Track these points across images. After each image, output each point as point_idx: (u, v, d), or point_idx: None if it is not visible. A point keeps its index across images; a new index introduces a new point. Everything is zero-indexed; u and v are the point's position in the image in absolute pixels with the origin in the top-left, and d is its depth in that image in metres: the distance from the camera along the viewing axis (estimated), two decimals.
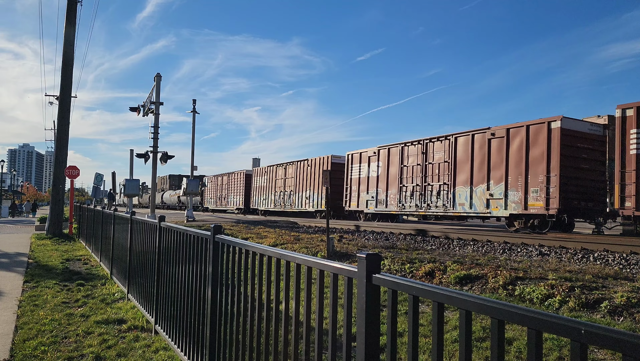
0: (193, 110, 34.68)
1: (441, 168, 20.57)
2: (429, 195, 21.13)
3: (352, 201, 26.18)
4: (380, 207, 24.00)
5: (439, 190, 20.57)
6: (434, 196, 20.85)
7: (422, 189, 21.44)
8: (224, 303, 3.52)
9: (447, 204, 20.08)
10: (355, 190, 26.00)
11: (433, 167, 21.03)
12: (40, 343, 5.13)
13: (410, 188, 22.12)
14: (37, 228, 22.22)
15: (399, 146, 22.93)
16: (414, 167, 22.07)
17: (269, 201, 36.75)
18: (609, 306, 5.89)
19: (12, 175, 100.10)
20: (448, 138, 20.28)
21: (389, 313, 1.87)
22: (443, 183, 20.33)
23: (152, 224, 5.69)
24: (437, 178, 20.79)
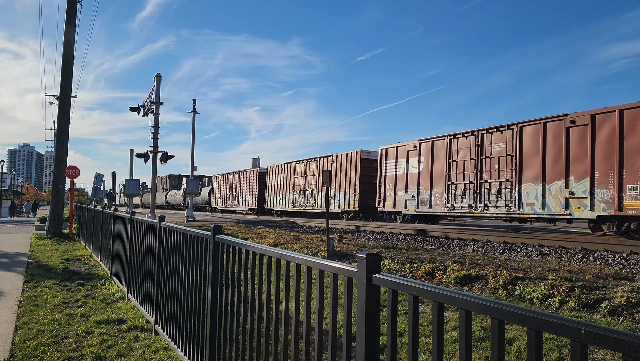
0: (193, 110, 34.68)
1: (502, 163, 17.85)
2: (485, 194, 18.40)
3: (387, 200, 23.15)
4: (422, 207, 21.14)
5: (500, 188, 17.87)
6: (492, 195, 18.14)
7: (477, 187, 18.72)
8: (224, 303, 3.52)
9: (511, 204, 17.26)
10: (390, 189, 22.98)
11: (491, 161, 18.28)
12: (40, 343, 5.13)
13: (461, 185, 19.37)
14: (37, 228, 22.21)
15: (445, 139, 20.13)
16: (465, 162, 19.26)
17: (287, 201, 33.71)
18: (609, 306, 5.89)
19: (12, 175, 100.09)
20: (511, 128, 17.58)
21: (389, 313, 1.87)
22: (505, 179, 17.60)
23: (152, 224, 5.69)
24: (496, 174, 18.08)
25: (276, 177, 35.93)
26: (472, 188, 19.03)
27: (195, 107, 34.67)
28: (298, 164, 32.76)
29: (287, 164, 34.22)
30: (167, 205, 61.88)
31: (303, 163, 32.12)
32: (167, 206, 61.88)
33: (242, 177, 42.42)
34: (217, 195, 48.23)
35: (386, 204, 23.46)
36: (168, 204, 61.38)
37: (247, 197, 40.86)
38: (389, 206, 23.20)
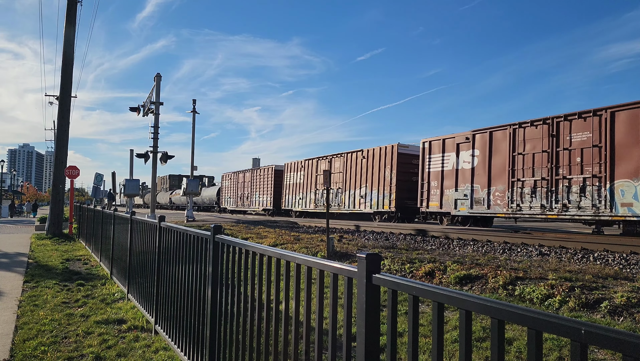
0: (193, 110, 34.67)
1: (585, 155, 15.06)
2: (564, 192, 15.52)
3: (432, 200, 20.39)
4: (478, 208, 18.31)
5: (583, 185, 15.06)
6: (573, 194, 15.28)
7: (552, 184, 15.90)
8: (224, 303, 3.52)
9: (600, 204, 14.57)
10: (436, 187, 20.19)
11: (571, 154, 15.46)
12: (40, 343, 5.13)
13: (529, 183, 16.62)
14: (37, 228, 22.22)
15: (508, 129, 17.45)
16: (535, 156, 16.48)
17: (307, 200, 30.70)
18: (609, 306, 5.89)
19: (12, 175, 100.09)
20: (598, 114, 14.83)
21: (389, 313, 1.87)
22: (591, 175, 14.86)
23: (152, 224, 5.69)
24: (577, 169, 15.27)
25: (295, 175, 32.88)
26: (544, 185, 16.15)
27: (195, 107, 34.66)
28: (321, 161, 29.86)
29: (307, 161, 31.29)
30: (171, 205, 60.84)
31: (327, 159, 29.13)
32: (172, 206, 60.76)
33: (255, 175, 39.52)
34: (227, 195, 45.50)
35: (430, 204, 20.49)
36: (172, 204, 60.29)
37: (261, 197, 37.96)
38: (434, 206, 20.32)
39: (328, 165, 28.96)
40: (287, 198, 33.51)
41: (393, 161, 23.58)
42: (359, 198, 25.87)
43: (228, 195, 45.17)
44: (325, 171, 12.75)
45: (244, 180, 41.73)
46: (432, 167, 20.68)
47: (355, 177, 26.38)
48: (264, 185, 37.65)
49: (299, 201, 31.82)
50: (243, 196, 41.61)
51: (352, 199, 26.52)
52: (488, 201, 18.06)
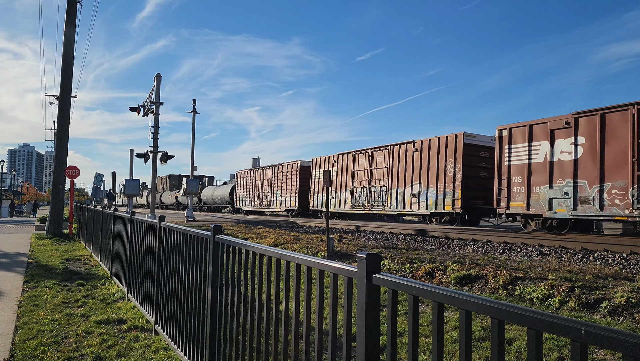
0: (193, 110, 34.68)
1: None
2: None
3: (515, 199, 16.97)
4: (584, 208, 14.74)
5: None
6: None
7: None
8: (224, 303, 3.52)
9: None
10: (519, 183, 16.83)
11: None
12: (40, 343, 5.13)
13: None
14: (37, 228, 22.22)
15: (630, 109, 13.71)
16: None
17: (342, 200, 27.38)
18: (609, 306, 5.89)
19: (12, 175, 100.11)
20: None
21: (389, 313, 1.87)
22: None
23: (152, 224, 5.69)
24: None
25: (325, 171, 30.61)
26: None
27: (195, 107, 34.66)
28: (359, 155, 26.35)
29: (342, 155, 27.79)
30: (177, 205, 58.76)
31: (367, 153, 25.59)
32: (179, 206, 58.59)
33: (276, 172, 35.74)
34: (242, 194, 41.80)
35: (512, 204, 17.10)
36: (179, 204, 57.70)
37: (283, 196, 34.23)
38: (518, 206, 16.91)
39: (369, 160, 25.26)
40: (316, 197, 29.95)
41: (458, 153, 19.94)
42: (410, 197, 22.17)
43: (243, 194, 41.54)
44: (325, 171, 12.72)
45: (263, 178, 37.87)
46: (513, 159, 17.16)
47: (404, 173, 22.65)
48: (288, 183, 33.87)
49: (331, 201, 28.27)
50: (262, 196, 37.86)
51: (400, 198, 22.80)
52: (601, 200, 14.39)
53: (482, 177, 20.17)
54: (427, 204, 21.19)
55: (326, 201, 11.34)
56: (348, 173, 27.12)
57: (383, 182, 24.24)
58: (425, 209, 21.42)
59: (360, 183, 25.99)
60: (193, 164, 35.59)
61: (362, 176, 25.97)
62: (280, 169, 35.32)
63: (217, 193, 48.14)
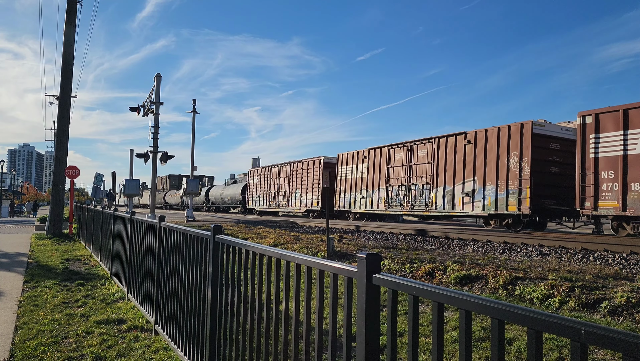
0: (193, 110, 34.69)
1: None
2: None
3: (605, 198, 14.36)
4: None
5: None
6: None
7: None
8: (224, 303, 3.53)
9: None
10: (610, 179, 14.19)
11: None
12: (40, 343, 5.13)
13: None
14: (37, 228, 22.22)
15: None
16: None
17: (374, 199, 24.54)
18: (609, 306, 5.89)
19: (12, 175, 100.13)
20: None
21: (389, 313, 1.87)
22: None
23: (152, 224, 5.69)
24: None
25: (353, 168, 26.61)
26: None
27: (195, 107, 34.67)
28: (395, 149, 23.59)
29: (374, 150, 25.11)
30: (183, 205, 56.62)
31: (406, 147, 22.96)
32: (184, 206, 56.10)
33: (295, 169, 32.83)
34: (255, 193, 39.01)
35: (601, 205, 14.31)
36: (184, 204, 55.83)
37: (303, 195, 31.39)
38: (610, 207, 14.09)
39: (408, 155, 22.62)
40: (343, 196, 27.37)
41: (525, 144, 17.26)
42: (461, 196, 19.40)
43: (257, 193, 38.64)
44: (325, 171, 12.69)
45: (280, 176, 34.87)
46: (601, 151, 14.54)
47: (453, 169, 19.97)
48: (309, 181, 30.94)
49: (360, 200, 25.56)
50: (278, 195, 34.91)
51: (448, 197, 20.04)
52: None
53: (553, 172, 17.52)
54: (484, 204, 18.32)
55: (326, 201, 11.34)
56: (382, 170, 24.14)
57: (426, 179, 21.43)
58: (481, 210, 18.58)
59: (397, 180, 23.03)
60: (193, 164, 35.62)
61: (399, 172, 23.07)
62: (299, 166, 32.29)
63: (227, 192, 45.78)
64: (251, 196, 39.56)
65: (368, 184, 25.33)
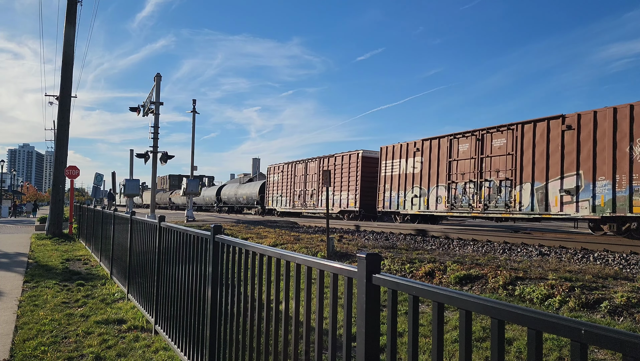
0: (193, 110, 34.68)
1: None
2: None
3: None
4: None
5: None
6: None
7: None
8: (224, 303, 3.52)
9: None
10: None
11: None
12: (40, 343, 5.13)
13: None
14: (37, 228, 22.21)
15: None
16: None
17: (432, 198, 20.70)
18: (609, 306, 5.89)
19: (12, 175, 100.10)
20: None
21: (389, 313, 1.87)
22: None
23: (152, 224, 5.69)
24: None
25: (402, 162, 22.64)
26: None
27: (195, 107, 34.66)
28: (460, 140, 19.78)
29: (429, 142, 21.27)
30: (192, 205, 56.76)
31: (475, 136, 19.16)
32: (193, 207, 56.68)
33: (326, 165, 29.22)
34: (275, 192, 35.22)
35: None
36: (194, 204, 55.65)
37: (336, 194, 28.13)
38: None
39: (477, 144, 18.93)
40: (389, 195, 23.42)
41: None
42: (559, 195, 15.85)
43: (278, 192, 34.68)
44: (326, 171, 12.69)
45: (307, 172, 31.16)
46: None
47: (546, 161, 16.35)
48: (343, 178, 27.59)
49: (412, 200, 21.74)
50: (304, 194, 31.17)
51: (540, 196, 16.51)
52: None
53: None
54: (595, 204, 14.68)
55: (326, 200, 11.34)
56: (441, 164, 20.52)
57: (504, 174, 17.81)
58: (590, 211, 14.82)
59: (463, 176, 19.38)
60: (193, 164, 35.61)
61: (465, 166, 19.36)
62: (331, 162, 28.74)
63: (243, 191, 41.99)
64: (271, 196, 35.78)
65: (422, 180, 21.36)
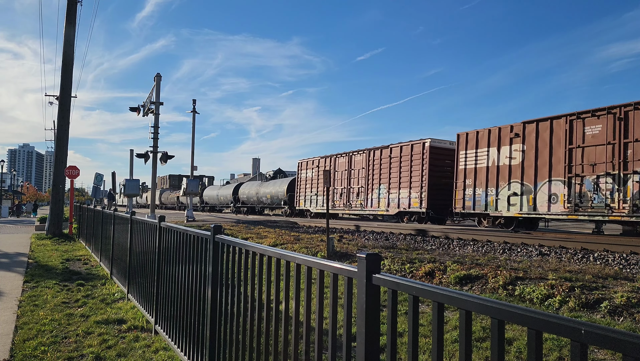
0: (193, 110, 34.68)
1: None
2: None
3: None
4: None
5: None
6: None
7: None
8: (224, 303, 3.52)
9: None
10: None
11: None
12: (40, 343, 5.13)
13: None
14: (37, 228, 22.21)
15: None
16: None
17: (538, 196, 16.48)
18: (609, 306, 5.89)
19: (12, 175, 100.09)
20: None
21: (389, 313, 1.87)
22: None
23: (152, 224, 5.69)
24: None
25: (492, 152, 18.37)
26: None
27: (195, 107, 34.66)
28: (586, 120, 15.44)
29: (534, 124, 17.04)
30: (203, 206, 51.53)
31: (613, 115, 14.68)
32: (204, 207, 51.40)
33: (377, 158, 24.84)
34: (308, 190, 30.69)
35: None
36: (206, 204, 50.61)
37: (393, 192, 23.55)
38: None
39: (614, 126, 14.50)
40: (470, 193, 19.18)
41: None
42: None
43: (312, 191, 30.13)
44: (326, 171, 12.68)
45: (350, 166, 26.94)
46: None
47: None
48: (403, 173, 23.13)
49: (509, 199, 17.47)
50: (348, 193, 26.93)
51: None
52: None
53: None
54: None
55: (326, 200, 11.32)
56: (554, 152, 16.16)
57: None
58: None
59: (592, 168, 14.97)
60: (193, 164, 35.60)
61: (594, 155, 14.96)
62: (385, 154, 24.26)
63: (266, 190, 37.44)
64: (303, 195, 31.17)
65: (524, 174, 17.05)
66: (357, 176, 26.47)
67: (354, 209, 26.61)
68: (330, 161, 28.83)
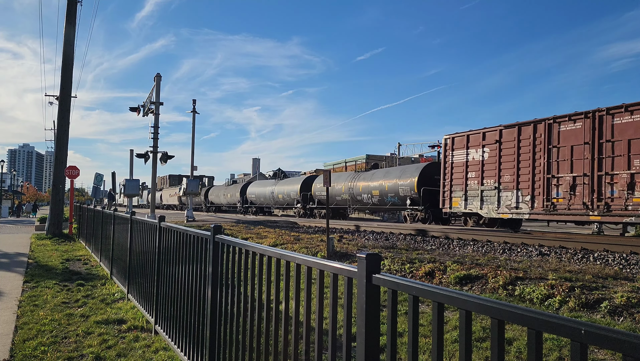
0: (193, 110, 34.68)
1: None
2: None
3: None
4: None
5: None
6: None
7: None
8: (224, 303, 3.52)
9: None
10: None
11: None
12: (40, 343, 5.13)
13: None
14: (37, 228, 22.21)
15: None
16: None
17: None
18: (609, 306, 5.89)
19: (12, 175, 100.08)
20: None
21: (389, 313, 1.87)
22: None
23: (152, 224, 5.69)
24: None
25: None
26: None
27: (195, 107, 34.66)
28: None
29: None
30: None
31: None
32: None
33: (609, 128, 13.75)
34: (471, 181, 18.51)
35: None
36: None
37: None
38: None
39: None
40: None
41: None
42: None
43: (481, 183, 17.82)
44: (326, 171, 12.66)
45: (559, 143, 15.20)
46: None
47: None
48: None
49: None
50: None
51: None
52: None
53: None
54: None
55: (326, 199, 11.32)
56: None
57: None
58: None
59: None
60: (193, 164, 35.61)
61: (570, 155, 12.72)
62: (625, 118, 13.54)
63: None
64: (461, 188, 18.97)
65: None
66: (566, 157, 15.07)
67: (574, 210, 14.77)
68: (516, 132, 16.81)
